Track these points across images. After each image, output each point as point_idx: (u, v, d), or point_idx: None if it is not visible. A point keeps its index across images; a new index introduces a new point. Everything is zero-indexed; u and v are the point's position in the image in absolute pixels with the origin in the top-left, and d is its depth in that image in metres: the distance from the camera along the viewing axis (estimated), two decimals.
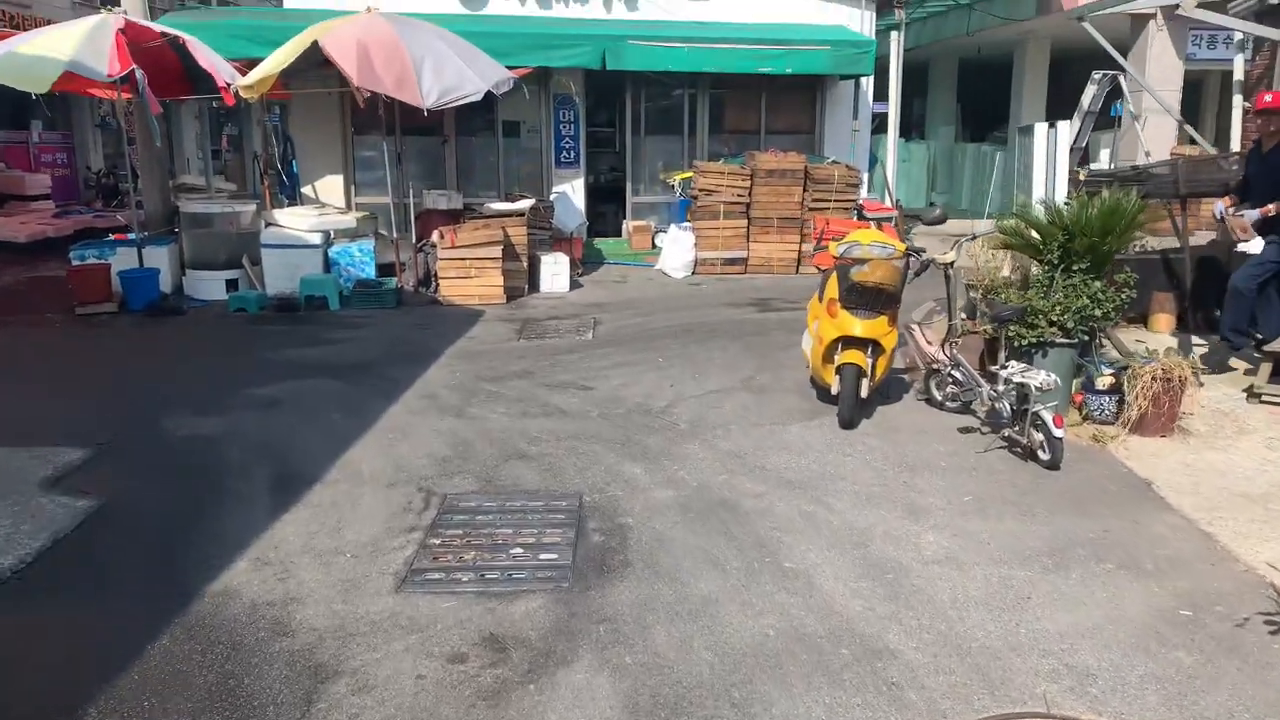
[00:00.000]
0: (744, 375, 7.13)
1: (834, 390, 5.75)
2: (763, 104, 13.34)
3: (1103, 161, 15.39)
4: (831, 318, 5.73)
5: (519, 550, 4.17)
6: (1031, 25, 16.18)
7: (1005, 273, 6.82)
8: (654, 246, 12.83)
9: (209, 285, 10.25)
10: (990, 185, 19.31)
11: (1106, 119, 18.81)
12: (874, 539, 4.31)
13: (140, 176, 10.72)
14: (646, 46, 11.37)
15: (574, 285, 11.05)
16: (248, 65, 10.37)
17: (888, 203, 13.52)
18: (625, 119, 13.12)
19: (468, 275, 10.15)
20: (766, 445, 5.51)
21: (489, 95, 9.98)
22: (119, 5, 10.09)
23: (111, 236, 11.76)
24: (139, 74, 8.86)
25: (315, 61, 10.25)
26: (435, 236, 10.55)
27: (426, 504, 4.71)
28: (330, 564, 4.06)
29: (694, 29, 12.13)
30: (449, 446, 5.54)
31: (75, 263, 10.11)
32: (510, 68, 10.64)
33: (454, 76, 9.39)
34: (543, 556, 4.11)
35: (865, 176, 13.77)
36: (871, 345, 5.70)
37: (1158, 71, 13.94)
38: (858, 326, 5.63)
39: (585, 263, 12.13)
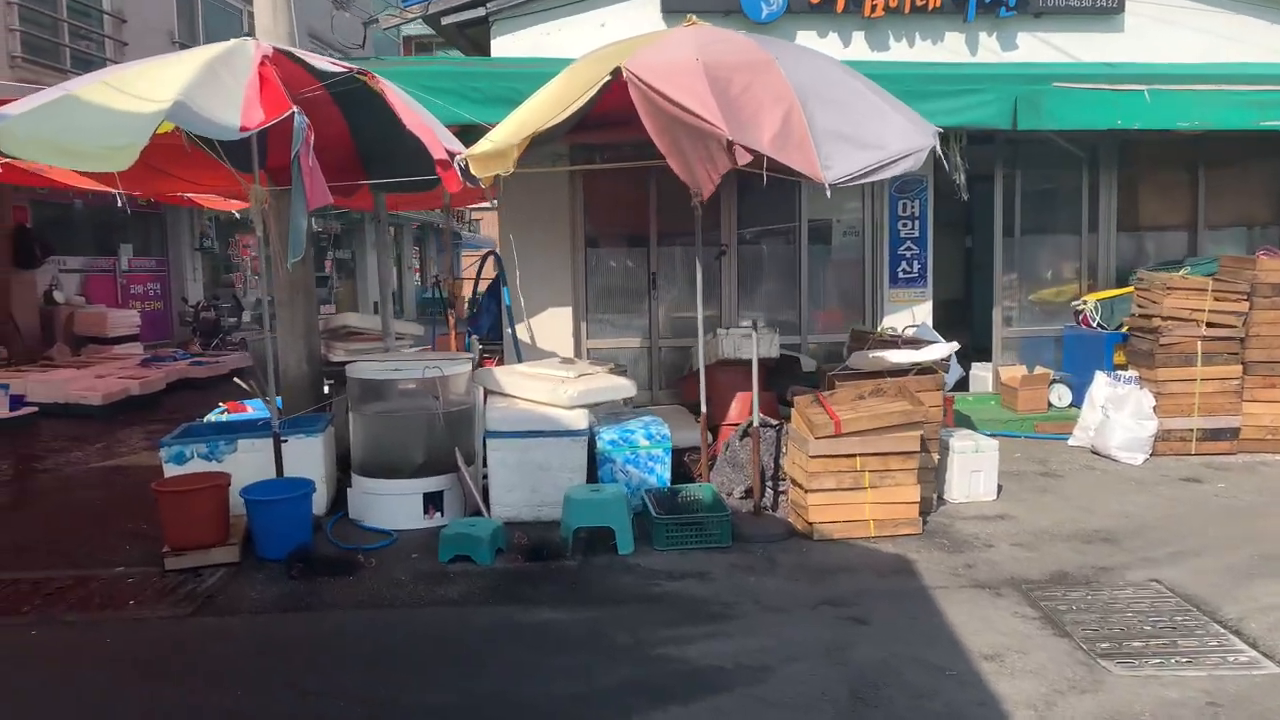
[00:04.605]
0: None
1: None
2: (1200, 184, 8.74)
3: None
4: None
5: None
6: None
7: None
8: (1050, 406, 8.12)
9: (394, 505, 5.80)
10: None
11: None
12: None
13: (278, 318, 6.47)
14: (1087, 91, 6.93)
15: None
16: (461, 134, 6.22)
17: None
18: (991, 211, 8.62)
19: (858, 485, 5.52)
20: None
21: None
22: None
23: (223, 408, 7.52)
24: (300, 119, 4.64)
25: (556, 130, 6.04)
26: (736, 411, 6.05)
27: None
28: None
29: (1110, 69, 7.69)
30: None
31: (169, 469, 5.78)
32: None
33: (877, 131, 4.99)
34: None
35: None
36: None
37: None
38: None
39: None
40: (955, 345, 6.32)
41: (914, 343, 6.65)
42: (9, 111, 4.70)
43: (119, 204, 7.57)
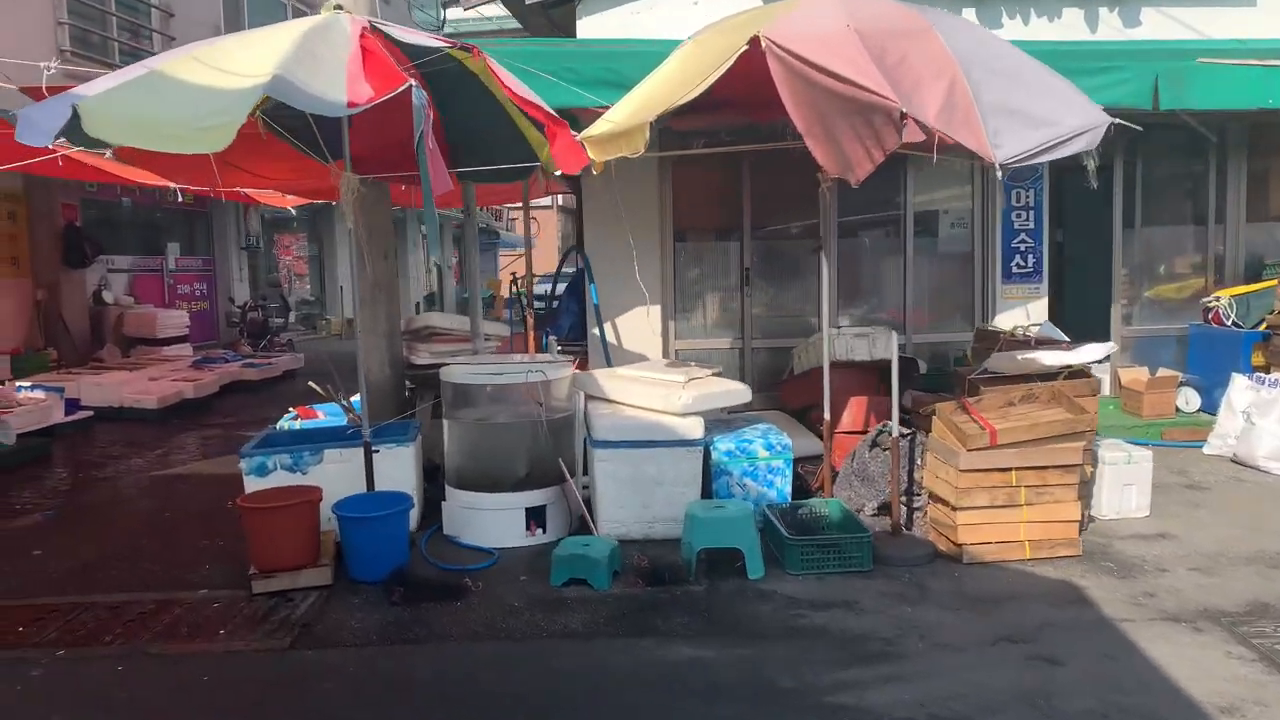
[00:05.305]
0: None
1: None
2: None
3: None
4: None
5: None
6: None
7: None
8: (1177, 411, 7.52)
9: (494, 521, 5.31)
10: None
11: None
12: None
13: (359, 318, 5.99)
14: (1236, 68, 6.35)
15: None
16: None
17: None
18: (1112, 202, 8.01)
19: (1013, 502, 4.97)
20: None
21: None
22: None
23: (293, 413, 7.04)
24: (420, 95, 4.16)
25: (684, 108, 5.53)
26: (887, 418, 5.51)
27: None
28: None
29: (1246, 45, 7.07)
30: None
31: (250, 482, 5.30)
32: None
33: (1049, 106, 4.47)
34: None
35: None
36: None
37: None
38: None
39: None
40: (1113, 346, 5.74)
41: (1047, 342, 6.08)
42: (87, 91, 4.26)
43: (179, 198, 7.15)
